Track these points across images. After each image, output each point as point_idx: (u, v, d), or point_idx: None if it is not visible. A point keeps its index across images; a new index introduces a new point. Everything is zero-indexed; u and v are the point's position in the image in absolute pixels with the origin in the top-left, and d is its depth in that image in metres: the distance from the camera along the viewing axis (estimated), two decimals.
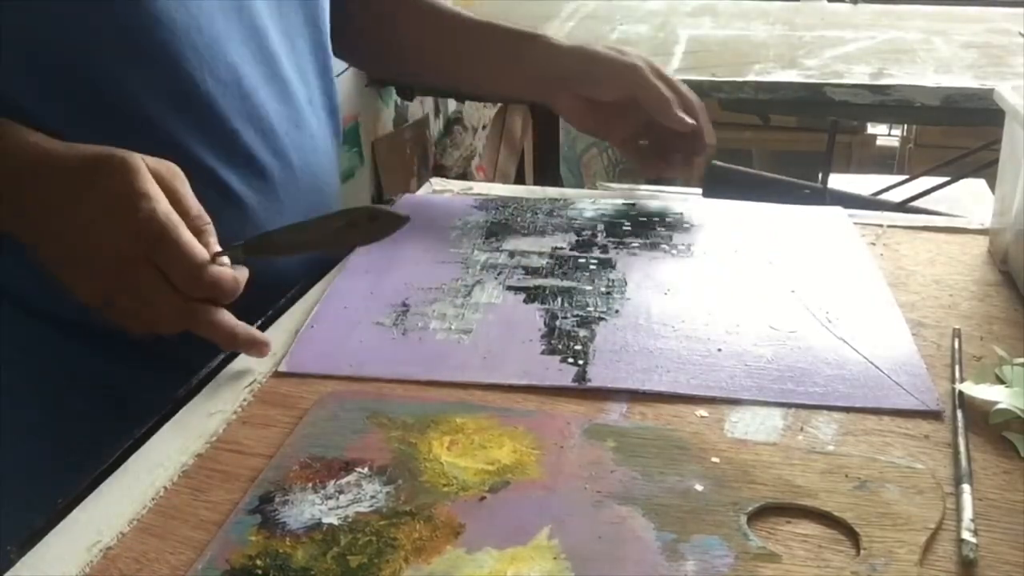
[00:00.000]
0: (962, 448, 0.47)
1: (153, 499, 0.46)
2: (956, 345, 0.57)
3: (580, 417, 0.51)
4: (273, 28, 0.67)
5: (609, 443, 0.48)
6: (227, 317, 0.55)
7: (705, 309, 0.62)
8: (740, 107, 1.48)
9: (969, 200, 2.04)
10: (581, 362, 0.56)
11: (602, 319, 0.61)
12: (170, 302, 0.53)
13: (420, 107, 2.38)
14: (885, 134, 3.21)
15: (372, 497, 0.45)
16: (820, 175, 2.15)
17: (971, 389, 0.51)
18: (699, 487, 0.45)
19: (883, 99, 1.20)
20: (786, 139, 2.80)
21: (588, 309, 0.62)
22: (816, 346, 0.57)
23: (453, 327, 0.60)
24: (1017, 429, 0.49)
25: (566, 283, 0.66)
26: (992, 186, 0.81)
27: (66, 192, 0.53)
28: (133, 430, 0.52)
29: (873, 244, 0.72)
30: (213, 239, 0.55)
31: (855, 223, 0.76)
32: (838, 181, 2.34)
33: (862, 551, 0.41)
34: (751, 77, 1.26)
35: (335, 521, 0.43)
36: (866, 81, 1.22)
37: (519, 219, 0.77)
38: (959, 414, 0.50)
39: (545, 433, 0.49)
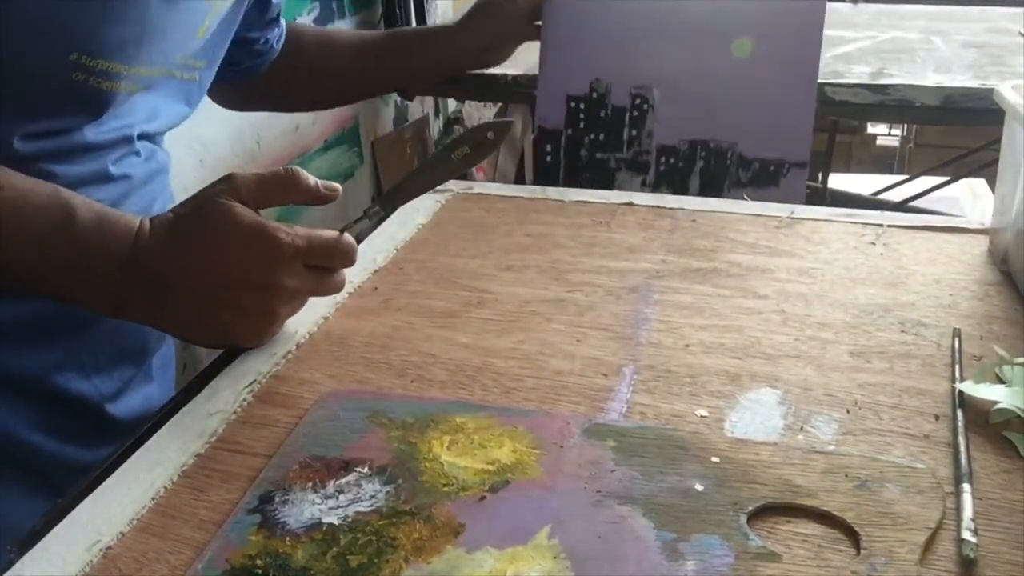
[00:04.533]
0: (962, 448, 0.47)
1: (153, 499, 0.46)
2: (956, 345, 0.57)
3: (580, 417, 0.51)
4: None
5: (609, 443, 0.48)
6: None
7: None
8: None
9: (969, 200, 2.04)
10: None
11: None
12: (334, 282, 0.60)
13: (420, 107, 2.38)
14: (885, 134, 3.21)
15: (372, 497, 0.45)
16: (820, 175, 2.15)
17: (971, 389, 0.51)
18: (699, 487, 0.45)
19: (883, 99, 1.19)
20: None
21: None
22: None
23: None
24: (1017, 429, 0.49)
25: None
26: (992, 186, 0.81)
27: (184, 263, 0.55)
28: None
29: (873, 244, 0.72)
30: (304, 175, 0.59)
31: (855, 222, 0.76)
32: (838, 181, 2.34)
33: (862, 551, 0.41)
34: None
35: (335, 521, 0.43)
36: (866, 81, 1.22)
37: None
38: (959, 414, 0.50)
39: (545, 433, 0.49)
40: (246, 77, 0.88)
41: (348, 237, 0.59)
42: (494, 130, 0.64)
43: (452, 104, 2.50)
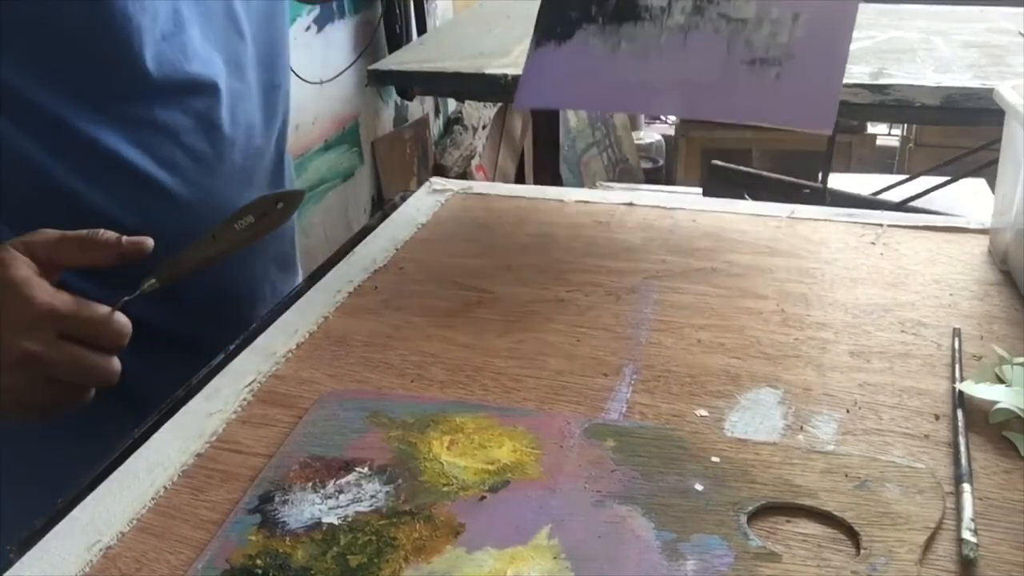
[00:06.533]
0: (962, 447, 0.47)
1: (153, 499, 0.46)
2: (956, 345, 0.57)
3: (580, 416, 0.51)
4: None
5: (609, 442, 0.48)
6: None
7: None
8: None
9: (969, 200, 2.04)
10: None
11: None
12: (98, 364, 0.52)
13: (420, 107, 2.38)
14: (885, 134, 3.21)
15: (372, 497, 0.45)
16: (820, 175, 2.15)
17: (971, 388, 0.51)
18: (699, 486, 0.45)
19: (883, 99, 1.20)
20: (786, 139, 2.80)
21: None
22: None
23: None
24: (1017, 428, 0.49)
25: None
26: (992, 186, 0.81)
27: None
28: (136, 422, 0.53)
29: (873, 244, 0.72)
30: (104, 233, 0.54)
31: (855, 222, 0.76)
32: (838, 181, 2.33)
33: (862, 551, 0.41)
34: None
35: (335, 521, 0.43)
36: (866, 81, 1.22)
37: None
38: (959, 413, 0.50)
39: (545, 433, 0.49)
40: None
41: (121, 316, 0.53)
42: (283, 200, 0.59)
43: (452, 104, 2.51)
